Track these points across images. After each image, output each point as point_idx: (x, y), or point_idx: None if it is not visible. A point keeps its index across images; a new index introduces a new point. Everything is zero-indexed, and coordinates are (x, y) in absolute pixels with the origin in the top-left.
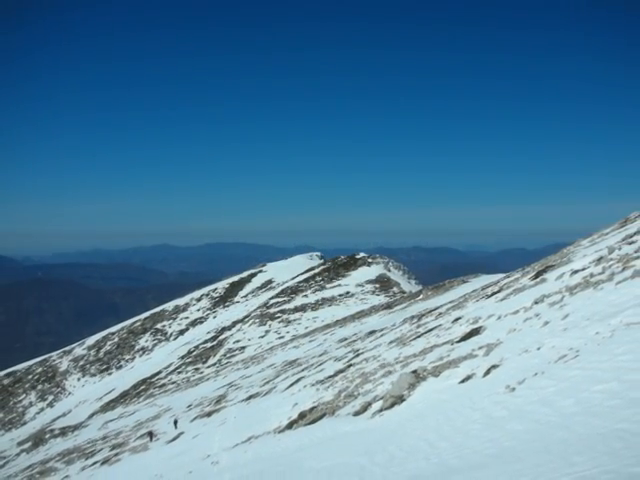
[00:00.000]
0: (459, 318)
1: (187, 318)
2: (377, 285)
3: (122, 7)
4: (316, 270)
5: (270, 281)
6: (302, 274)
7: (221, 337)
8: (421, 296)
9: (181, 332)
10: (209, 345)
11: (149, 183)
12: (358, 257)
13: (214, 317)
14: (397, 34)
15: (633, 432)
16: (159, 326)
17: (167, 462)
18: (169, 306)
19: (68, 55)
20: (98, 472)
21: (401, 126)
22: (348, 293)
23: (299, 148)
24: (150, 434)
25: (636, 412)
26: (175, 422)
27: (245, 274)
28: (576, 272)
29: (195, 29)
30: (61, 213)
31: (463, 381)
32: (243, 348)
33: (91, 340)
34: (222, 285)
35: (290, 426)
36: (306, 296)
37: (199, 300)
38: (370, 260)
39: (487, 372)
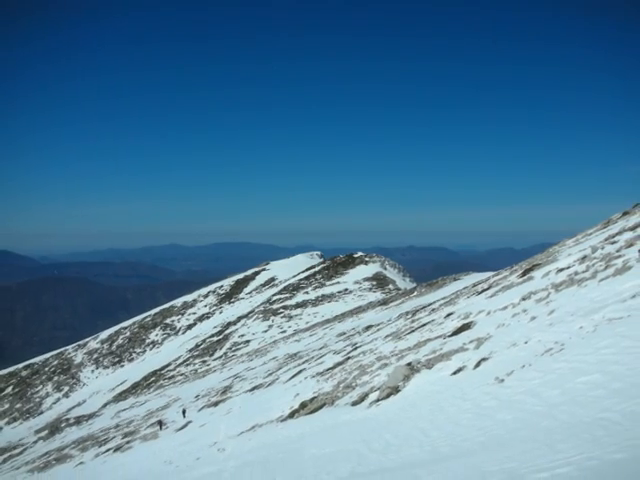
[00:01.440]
0: (451, 314)
1: (195, 313)
2: (374, 282)
3: (138, 20)
4: (316, 268)
5: (273, 279)
6: (303, 272)
7: (227, 331)
8: (415, 293)
9: (189, 327)
10: (215, 339)
11: (160, 187)
12: (356, 256)
13: (220, 312)
14: (392, 45)
15: (615, 421)
16: (168, 321)
17: (176, 449)
18: (178, 302)
19: (90, 63)
20: (111, 459)
21: (398, 132)
22: (346, 290)
23: (301, 153)
24: (160, 423)
25: (618, 402)
26: (183, 411)
27: (249, 272)
28: (561, 270)
29: (207, 39)
30: (76, 215)
31: (455, 373)
32: (247, 342)
33: (104, 334)
34: (228, 282)
35: (292, 415)
36: (307, 293)
37: (206, 296)
38: (367, 259)
39: (477, 364)
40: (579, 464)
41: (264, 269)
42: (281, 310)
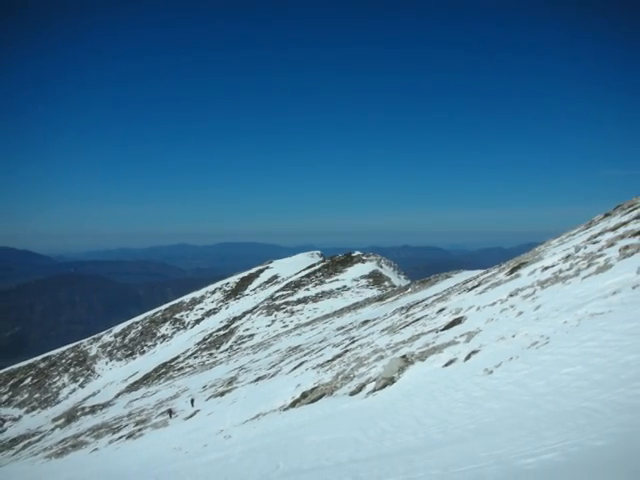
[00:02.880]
0: (443, 309)
1: (202, 309)
2: (371, 280)
3: (153, 32)
4: (317, 267)
5: (276, 276)
6: (304, 270)
7: (232, 326)
8: (409, 290)
9: (197, 321)
10: (222, 333)
11: (170, 189)
12: (354, 255)
13: (226, 308)
14: (394, 57)
15: (596, 410)
16: (178, 316)
17: (185, 436)
18: (186, 298)
19: (108, 74)
20: (124, 445)
21: (396, 139)
22: (345, 287)
23: (302, 158)
24: (170, 412)
25: (599, 392)
26: (192, 401)
27: (254, 270)
28: (547, 268)
29: (216, 50)
30: (90, 216)
31: (446, 365)
32: (252, 335)
33: (117, 328)
34: (233, 280)
35: (293, 405)
36: (308, 290)
37: (213, 293)
38: (364, 258)
39: (468, 357)
40: (563, 450)
41: (267, 267)
42: (283, 306)
